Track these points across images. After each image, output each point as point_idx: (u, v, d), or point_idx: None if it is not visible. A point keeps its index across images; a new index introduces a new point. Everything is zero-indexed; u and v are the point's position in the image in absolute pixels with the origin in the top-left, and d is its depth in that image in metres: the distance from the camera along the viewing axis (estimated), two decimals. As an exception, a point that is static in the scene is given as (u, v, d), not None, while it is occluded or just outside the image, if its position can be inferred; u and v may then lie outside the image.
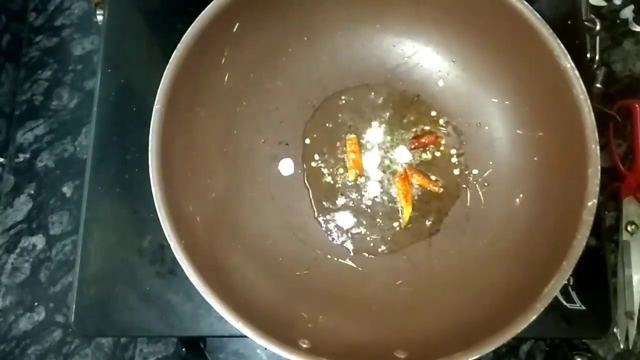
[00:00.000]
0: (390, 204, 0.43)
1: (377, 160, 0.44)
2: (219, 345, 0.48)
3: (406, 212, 0.42)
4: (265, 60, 0.44)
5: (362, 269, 0.42)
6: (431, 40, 0.45)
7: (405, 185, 0.43)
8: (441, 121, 0.45)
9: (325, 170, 0.44)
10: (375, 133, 0.45)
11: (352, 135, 0.45)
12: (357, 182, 0.44)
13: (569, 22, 0.49)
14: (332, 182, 0.44)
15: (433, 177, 0.44)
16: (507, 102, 0.43)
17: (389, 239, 0.43)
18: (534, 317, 0.33)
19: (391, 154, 0.44)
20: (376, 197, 0.44)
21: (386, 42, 0.46)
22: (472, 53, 0.44)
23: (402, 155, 0.44)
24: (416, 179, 0.43)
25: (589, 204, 0.35)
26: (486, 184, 0.43)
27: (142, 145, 0.36)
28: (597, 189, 0.35)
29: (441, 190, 0.43)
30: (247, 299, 0.36)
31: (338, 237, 0.43)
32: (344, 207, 0.43)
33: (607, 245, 0.46)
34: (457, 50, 0.44)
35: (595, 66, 0.51)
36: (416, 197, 0.43)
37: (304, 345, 0.34)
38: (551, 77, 0.38)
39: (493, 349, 0.32)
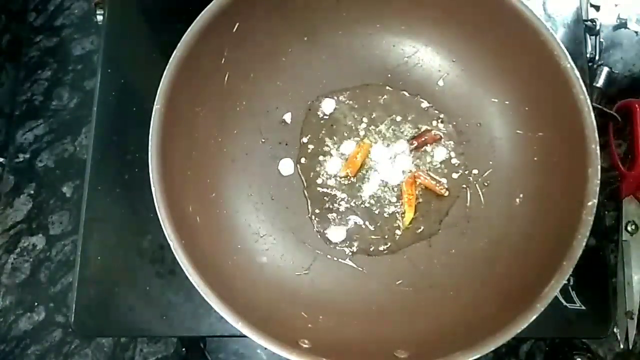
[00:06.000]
0: (390, 204, 0.43)
1: (378, 160, 0.44)
2: (219, 345, 0.48)
3: (407, 216, 0.42)
4: (265, 60, 0.44)
5: (362, 269, 0.42)
6: (431, 40, 0.45)
7: (411, 190, 0.43)
8: (441, 121, 0.45)
9: (325, 171, 0.44)
10: (374, 132, 0.45)
11: (367, 143, 0.44)
12: (357, 182, 0.44)
13: (569, 22, 0.49)
14: (332, 182, 0.44)
15: (443, 181, 0.44)
16: (507, 102, 0.43)
17: (388, 239, 0.43)
18: (534, 317, 0.33)
19: (391, 153, 0.44)
20: (376, 197, 0.43)
21: (386, 42, 0.46)
22: (472, 53, 0.44)
23: (402, 157, 0.44)
24: (423, 182, 0.43)
25: (589, 204, 0.35)
26: (486, 184, 0.43)
27: (142, 145, 0.36)
28: (597, 189, 0.35)
29: (447, 193, 0.43)
30: (247, 299, 0.36)
31: (338, 237, 0.43)
32: (344, 207, 0.43)
33: (607, 245, 0.46)
34: (457, 50, 0.44)
35: (595, 66, 0.51)
36: (416, 197, 0.43)
37: (304, 345, 0.34)
38: (551, 77, 0.38)
39: (493, 349, 0.32)
